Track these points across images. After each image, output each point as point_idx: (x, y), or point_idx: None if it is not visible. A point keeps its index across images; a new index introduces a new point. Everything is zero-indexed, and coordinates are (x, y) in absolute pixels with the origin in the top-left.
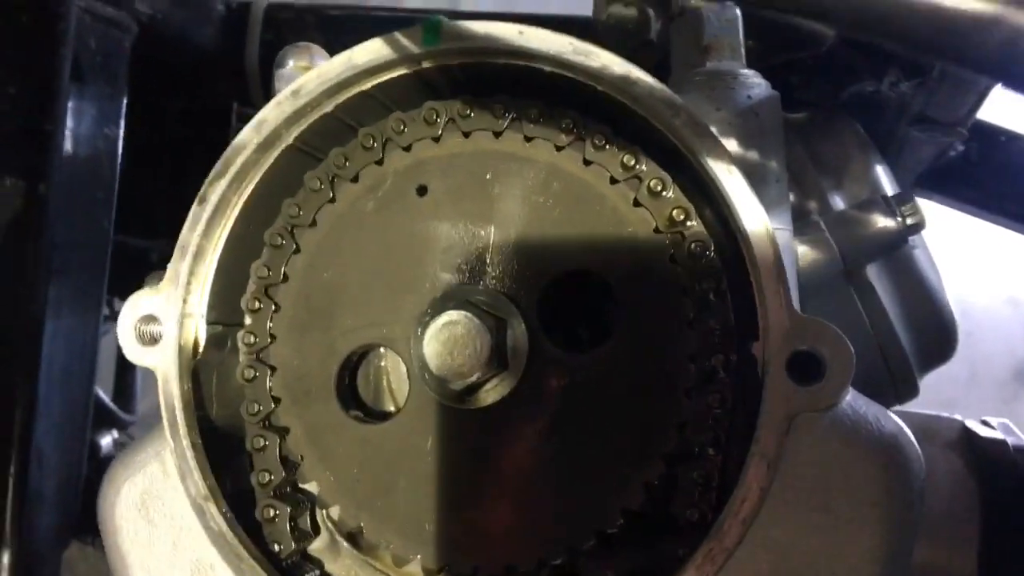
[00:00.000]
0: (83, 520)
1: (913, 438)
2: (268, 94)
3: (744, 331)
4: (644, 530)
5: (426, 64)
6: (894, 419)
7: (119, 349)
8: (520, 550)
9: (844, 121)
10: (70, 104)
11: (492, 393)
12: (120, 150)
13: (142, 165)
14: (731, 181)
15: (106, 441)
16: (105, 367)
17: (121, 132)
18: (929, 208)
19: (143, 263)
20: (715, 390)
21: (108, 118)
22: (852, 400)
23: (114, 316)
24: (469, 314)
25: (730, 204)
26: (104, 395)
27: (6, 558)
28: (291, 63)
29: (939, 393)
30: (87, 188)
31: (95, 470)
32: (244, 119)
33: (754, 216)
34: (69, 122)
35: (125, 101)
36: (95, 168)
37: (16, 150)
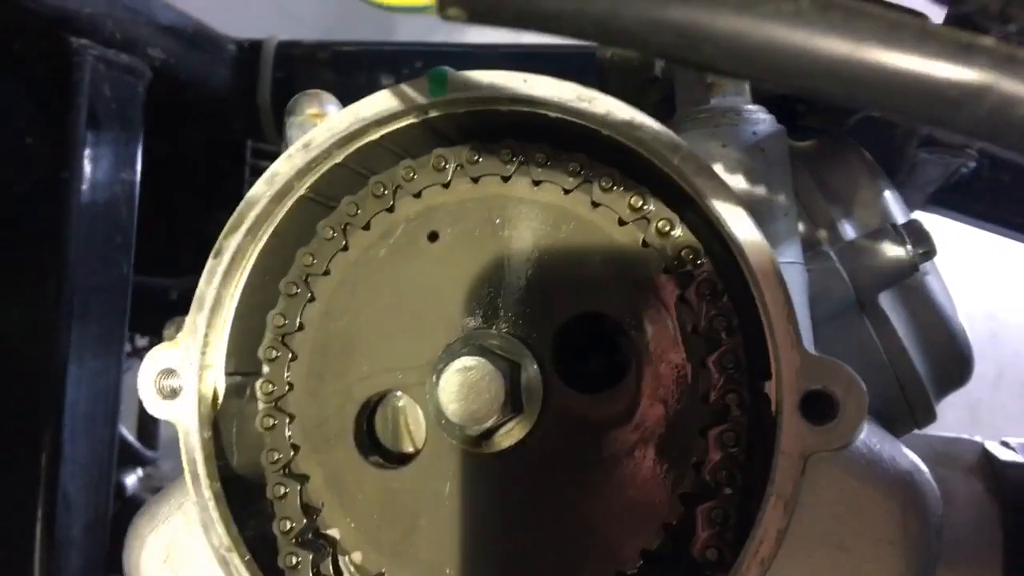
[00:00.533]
0: (111, 558)
1: (929, 474)
2: (281, 131)
3: (757, 370)
4: (663, 570)
5: (433, 113)
6: (909, 456)
7: None
8: None
9: (851, 148)
10: (87, 151)
11: (508, 437)
12: (137, 194)
13: (157, 204)
14: (738, 224)
15: (131, 480)
16: (126, 404)
17: (137, 176)
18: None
19: (162, 300)
20: (729, 429)
21: (124, 163)
22: (867, 438)
23: (136, 352)
24: (483, 359)
25: (738, 247)
26: (128, 433)
27: None
28: (302, 110)
29: (967, 395)
30: (106, 233)
31: (122, 509)
32: (258, 154)
33: (762, 258)
34: (86, 169)
35: (140, 145)
36: (113, 213)
37: (36, 199)
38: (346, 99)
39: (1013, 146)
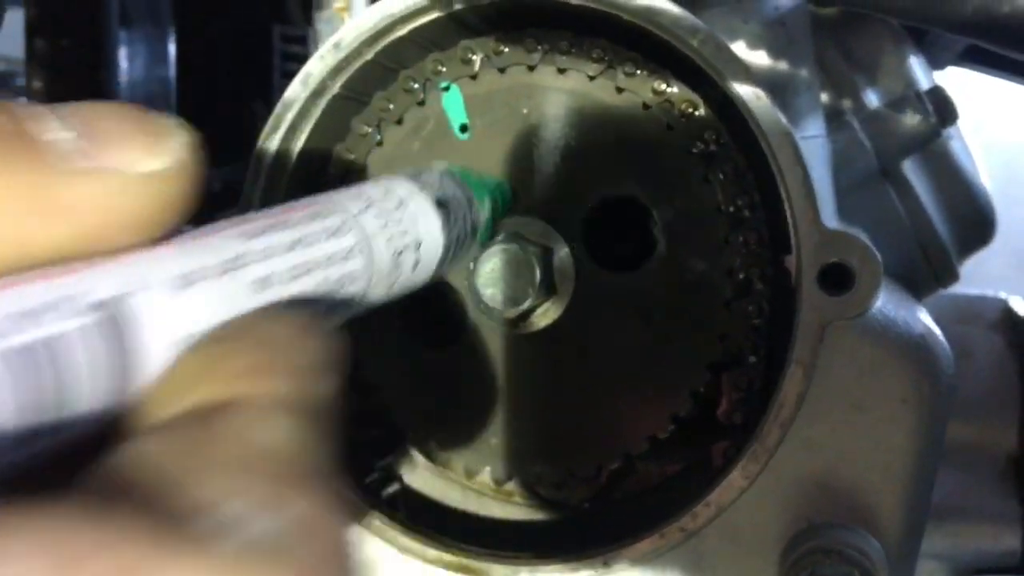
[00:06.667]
0: None
1: (941, 336)
2: (307, 14)
3: (778, 244)
4: (693, 433)
5: (458, 5)
6: (922, 320)
7: None
8: (579, 457)
9: None
10: (121, 50)
11: (544, 317)
12: (173, 90)
13: (190, 98)
14: (758, 104)
15: None
16: None
17: (172, 72)
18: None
19: (205, 192)
20: (752, 302)
21: (158, 59)
22: (882, 305)
23: None
24: (516, 245)
25: (759, 128)
26: None
27: None
28: (329, 4)
29: (1014, 240)
30: None
31: None
32: (286, 39)
33: (782, 138)
34: (123, 68)
35: (172, 41)
36: (152, 110)
37: (76, 100)
38: None
39: (997, 42)
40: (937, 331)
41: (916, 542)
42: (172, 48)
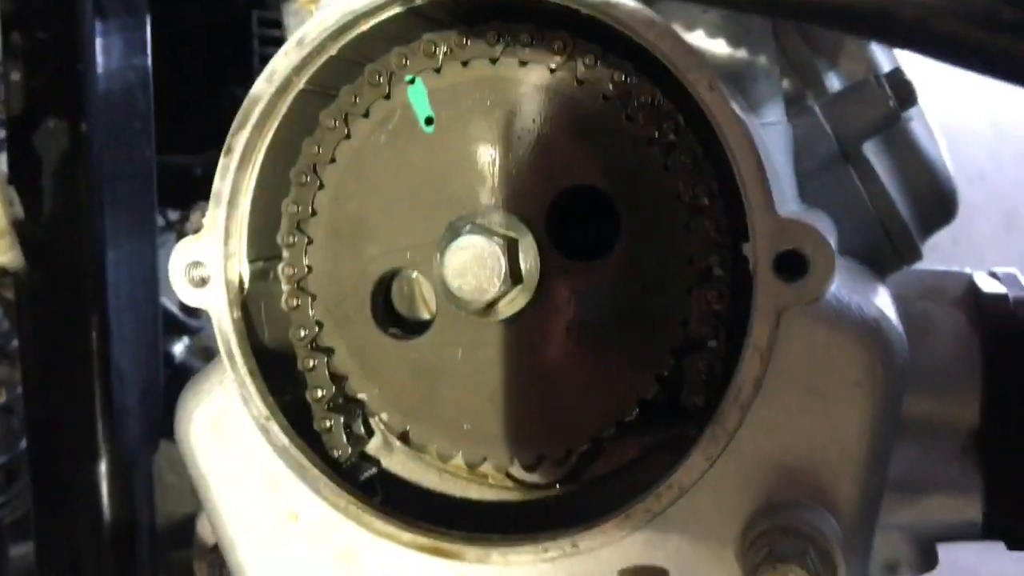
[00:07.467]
0: (166, 423)
1: (895, 321)
2: None
3: (737, 232)
4: (659, 416)
5: (419, 1)
6: (876, 305)
7: None
8: (549, 441)
9: None
10: (98, 41)
11: (511, 306)
12: (150, 79)
13: (169, 85)
14: (713, 96)
15: (179, 349)
16: (168, 278)
17: (149, 61)
18: None
19: (187, 177)
20: (712, 288)
21: (134, 49)
22: (836, 290)
23: (169, 226)
24: (482, 236)
25: (714, 120)
26: (171, 305)
27: (102, 467)
28: None
29: (1003, 200)
30: (125, 120)
31: (172, 377)
32: (264, 23)
33: (735, 130)
34: (99, 59)
35: (148, 30)
36: (130, 100)
37: (54, 93)
38: None
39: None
40: (891, 315)
41: (872, 518)
42: (148, 38)
